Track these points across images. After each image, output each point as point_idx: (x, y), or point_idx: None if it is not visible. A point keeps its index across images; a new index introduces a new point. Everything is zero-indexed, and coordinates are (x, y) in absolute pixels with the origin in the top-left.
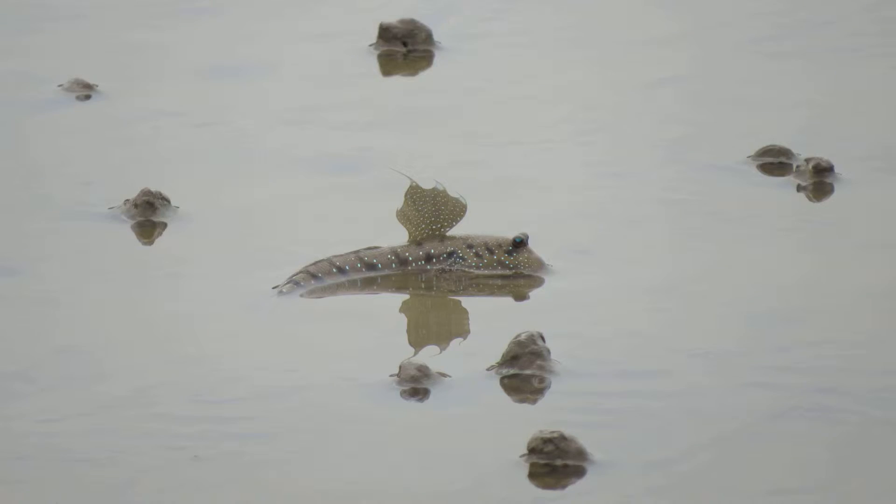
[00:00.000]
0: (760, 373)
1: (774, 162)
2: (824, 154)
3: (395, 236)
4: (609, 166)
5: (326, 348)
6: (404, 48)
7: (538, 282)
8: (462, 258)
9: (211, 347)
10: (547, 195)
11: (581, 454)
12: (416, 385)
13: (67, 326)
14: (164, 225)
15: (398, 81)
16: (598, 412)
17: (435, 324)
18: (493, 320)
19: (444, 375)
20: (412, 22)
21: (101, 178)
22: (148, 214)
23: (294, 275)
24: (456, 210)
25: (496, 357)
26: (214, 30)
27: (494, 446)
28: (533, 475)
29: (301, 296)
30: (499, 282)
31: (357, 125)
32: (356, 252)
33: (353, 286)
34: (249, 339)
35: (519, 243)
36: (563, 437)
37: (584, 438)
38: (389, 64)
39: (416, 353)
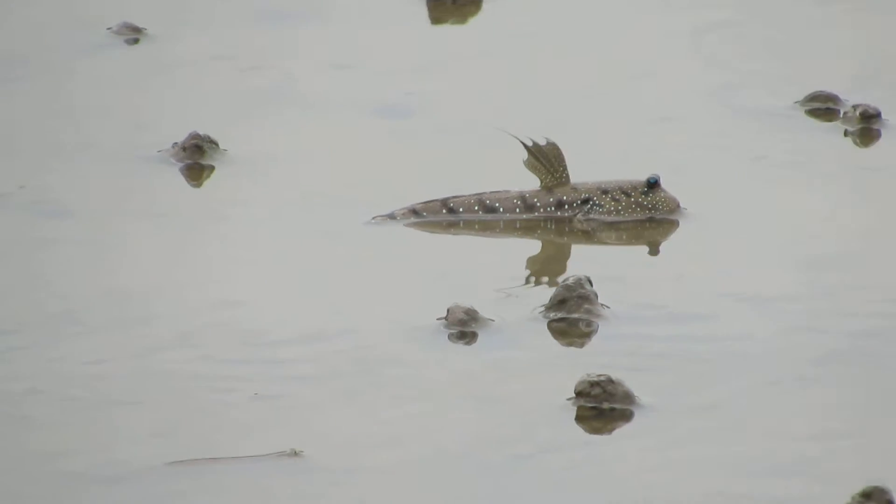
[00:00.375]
0: (806, 317)
1: (822, 108)
2: (872, 100)
3: (446, 180)
4: (655, 111)
5: (376, 290)
6: None
7: (673, 226)
8: (599, 205)
9: (258, 290)
10: (595, 140)
11: (628, 397)
12: (464, 328)
13: (116, 268)
14: (213, 168)
15: (447, 27)
16: (644, 356)
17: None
18: (548, 263)
19: (491, 320)
20: None
21: (150, 121)
22: (196, 157)
23: (398, 209)
24: (556, 152)
25: (545, 301)
26: None
27: (542, 390)
28: (580, 418)
29: (400, 222)
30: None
31: (405, 70)
32: (479, 194)
33: (453, 225)
34: (297, 282)
35: (654, 184)
36: (610, 381)
37: (630, 382)
38: (438, 9)
39: (464, 297)
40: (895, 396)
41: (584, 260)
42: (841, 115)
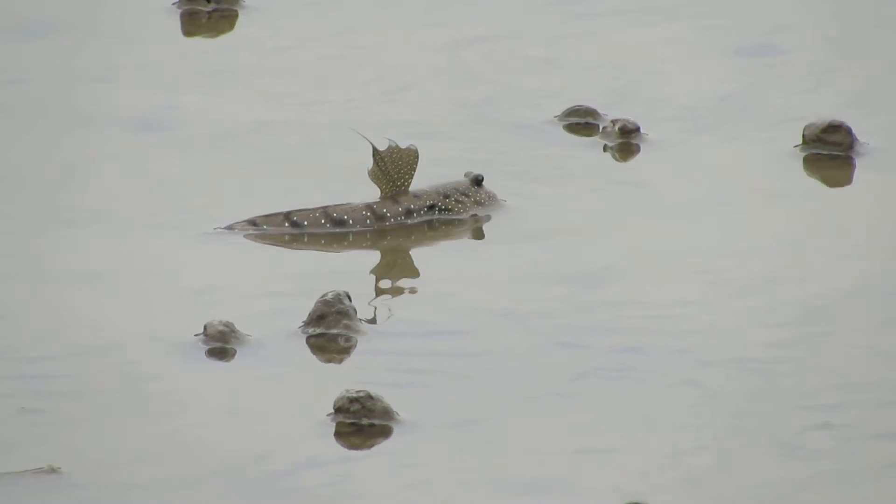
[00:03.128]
0: (565, 333)
1: (581, 122)
2: (631, 115)
3: (214, 193)
4: (415, 126)
5: (136, 306)
6: (208, 5)
7: (485, 219)
8: (446, 209)
9: (19, 304)
10: (353, 154)
11: (387, 413)
12: (223, 344)
13: None
14: None
15: (200, 41)
16: (404, 372)
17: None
18: (305, 280)
19: (249, 335)
20: None
21: None
22: None
23: (237, 221)
24: (411, 158)
25: (304, 316)
26: None
27: (301, 406)
28: (339, 434)
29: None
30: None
31: (161, 84)
32: (324, 207)
33: (279, 239)
34: (58, 297)
35: (481, 181)
36: (369, 397)
37: (390, 398)
38: (192, 23)
39: (224, 312)
40: (653, 412)
41: (341, 275)
42: (600, 130)
